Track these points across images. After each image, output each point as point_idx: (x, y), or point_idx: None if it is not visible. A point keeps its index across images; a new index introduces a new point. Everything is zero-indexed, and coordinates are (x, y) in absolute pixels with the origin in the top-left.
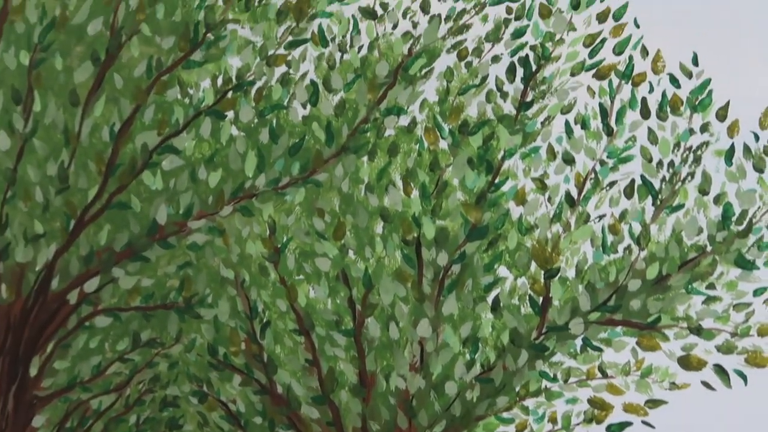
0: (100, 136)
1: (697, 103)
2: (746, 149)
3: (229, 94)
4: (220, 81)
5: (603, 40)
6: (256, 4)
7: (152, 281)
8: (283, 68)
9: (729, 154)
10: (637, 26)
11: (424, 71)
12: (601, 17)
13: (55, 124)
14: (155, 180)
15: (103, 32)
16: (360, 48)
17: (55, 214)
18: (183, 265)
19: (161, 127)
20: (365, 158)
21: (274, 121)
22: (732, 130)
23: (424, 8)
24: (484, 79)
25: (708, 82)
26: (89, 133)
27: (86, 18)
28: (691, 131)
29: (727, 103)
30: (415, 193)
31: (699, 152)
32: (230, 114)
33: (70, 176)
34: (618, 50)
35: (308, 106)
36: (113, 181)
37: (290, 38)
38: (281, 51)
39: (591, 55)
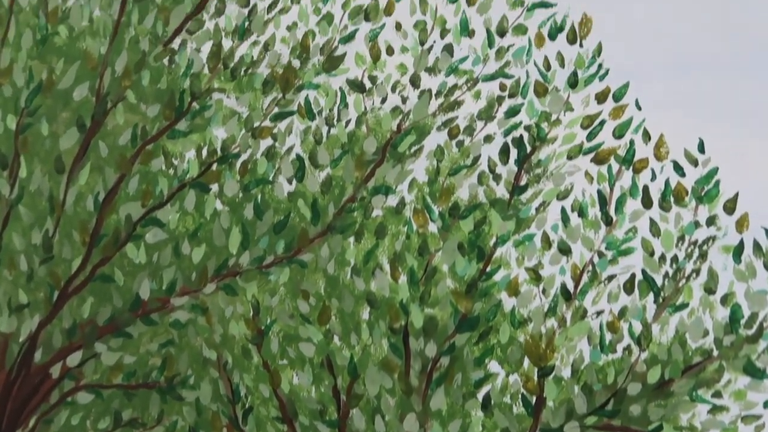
0: (85, 206)
1: (703, 193)
2: (756, 246)
3: (214, 167)
4: (204, 152)
5: (602, 122)
6: (242, 73)
7: (134, 358)
8: (268, 141)
9: (738, 251)
10: (639, 108)
11: (413, 149)
12: (601, 97)
13: (40, 191)
14: (138, 253)
15: (88, 98)
16: (347, 122)
17: (39, 284)
18: (165, 343)
19: (145, 199)
20: (352, 239)
21: (259, 197)
22: (741, 224)
23: (414, 82)
24: (476, 159)
25: (715, 171)
26: (74, 201)
27: (72, 83)
28: (697, 224)
29: (736, 195)
30: (402, 279)
31: (705, 247)
32: (215, 187)
33: (55, 246)
34: (618, 133)
35: (294, 182)
36: (97, 253)
37: (276, 110)
38: (267, 123)
39: (589, 137)
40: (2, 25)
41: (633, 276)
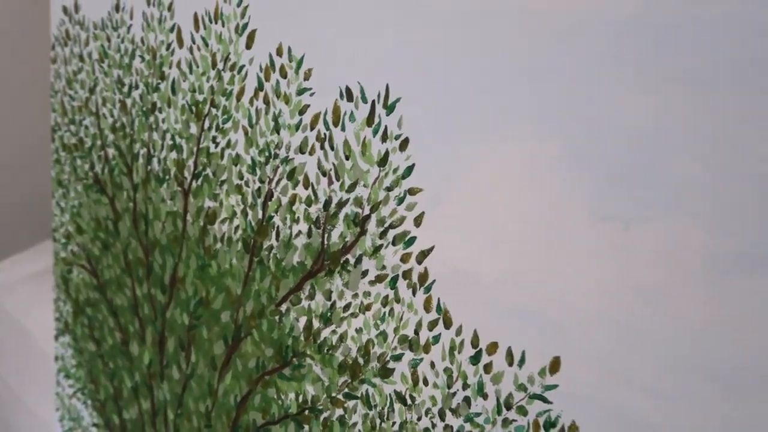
0: (229, 400)
1: None
2: None
3: (306, 412)
4: (301, 398)
5: None
6: (325, 351)
7: None
8: (342, 410)
9: None
10: None
11: None
12: None
13: (203, 376)
14: None
15: (230, 323)
16: (393, 423)
17: None
18: None
19: (264, 414)
20: None
21: None
22: None
23: (441, 416)
24: None
25: None
26: (223, 394)
27: (220, 307)
28: None
29: None
30: None
31: None
32: (306, 427)
33: (212, 419)
34: None
35: None
36: None
37: (347, 390)
38: (340, 397)
39: None
40: (178, 245)
41: None
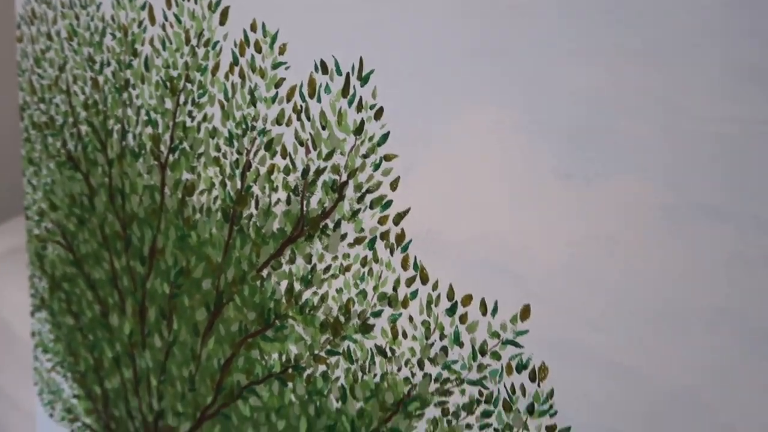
0: (213, 364)
1: None
2: None
3: (289, 370)
4: (284, 358)
5: None
6: (307, 312)
7: None
8: (324, 367)
9: None
10: None
11: (417, 412)
12: None
13: (186, 342)
14: (245, 408)
15: (211, 290)
16: (375, 375)
17: (187, 404)
18: None
19: (248, 375)
20: None
21: (318, 402)
22: None
23: (420, 365)
24: None
25: None
26: (206, 359)
27: (201, 275)
28: None
29: None
30: None
31: None
32: (290, 385)
33: (196, 383)
34: None
35: (339, 402)
36: (221, 398)
37: (329, 347)
38: (323, 354)
39: None
40: (156, 217)
41: None
